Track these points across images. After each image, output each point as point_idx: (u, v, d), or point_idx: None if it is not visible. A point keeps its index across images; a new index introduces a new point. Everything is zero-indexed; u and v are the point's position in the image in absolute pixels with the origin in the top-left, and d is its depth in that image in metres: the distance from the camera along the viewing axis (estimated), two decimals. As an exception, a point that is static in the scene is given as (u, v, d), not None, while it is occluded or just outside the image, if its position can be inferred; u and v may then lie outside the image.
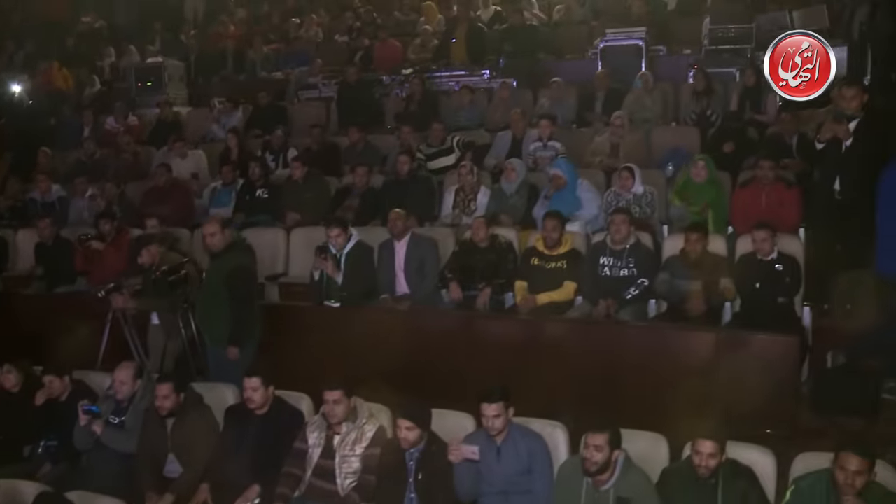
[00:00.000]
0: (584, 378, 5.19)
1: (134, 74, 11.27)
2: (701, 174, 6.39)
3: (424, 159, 7.97)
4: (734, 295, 5.50)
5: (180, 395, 4.96)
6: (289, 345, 6.08)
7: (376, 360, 5.72)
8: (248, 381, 4.78)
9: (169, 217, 8.07)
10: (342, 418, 4.50)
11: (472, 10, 11.49)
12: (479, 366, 5.36)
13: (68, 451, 5.24)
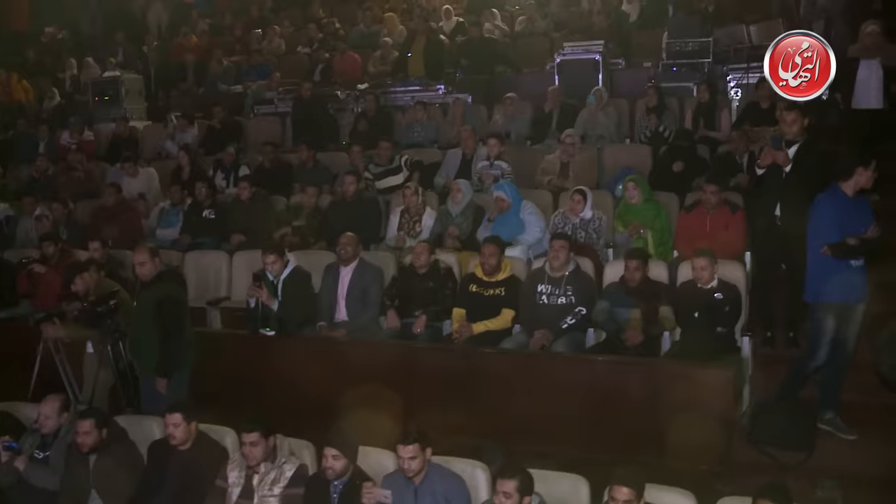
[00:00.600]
0: (515, 411, 5.07)
1: (91, 88, 11.09)
2: (633, 195, 6.29)
3: (372, 179, 7.84)
4: (673, 324, 5.38)
5: (102, 430, 4.81)
6: (223, 374, 5.95)
7: (309, 391, 5.68)
8: (168, 417, 4.66)
9: (117, 238, 7.98)
10: (260, 459, 4.38)
11: (434, 22, 11.39)
12: (410, 398, 5.23)
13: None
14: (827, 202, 4.88)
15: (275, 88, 10.46)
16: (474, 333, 5.67)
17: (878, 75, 7.03)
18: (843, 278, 4.82)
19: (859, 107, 7.20)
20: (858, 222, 4.77)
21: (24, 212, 8.54)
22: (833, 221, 4.82)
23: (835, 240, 4.80)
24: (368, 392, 5.45)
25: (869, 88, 7.11)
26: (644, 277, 5.52)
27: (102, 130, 10.51)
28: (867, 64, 7.10)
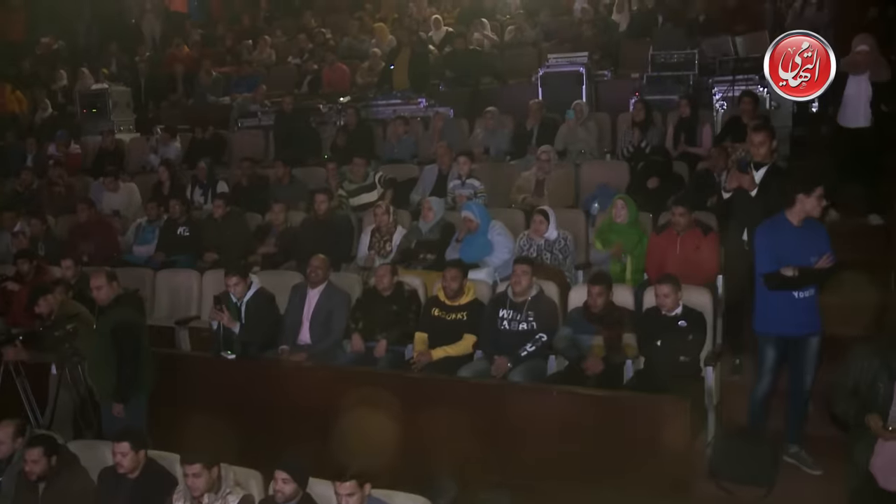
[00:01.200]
0: (469, 440, 4.95)
1: (79, 100, 11.09)
2: (621, 214, 6.13)
3: (346, 196, 7.75)
4: (636, 352, 5.23)
5: (51, 458, 4.74)
6: (184, 397, 5.90)
7: (266, 416, 5.63)
8: (116, 446, 4.60)
9: (93, 255, 7.97)
10: (203, 490, 4.31)
11: (423, 32, 11.29)
12: (364, 426, 5.15)
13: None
14: (764, 230, 4.72)
15: (260, 101, 10.38)
16: (433, 359, 5.56)
17: (867, 92, 6.68)
18: (785, 309, 4.66)
19: (847, 125, 6.84)
20: (805, 251, 4.58)
21: (3, 227, 8.53)
22: (768, 250, 4.66)
23: (768, 269, 4.64)
24: (323, 421, 5.44)
25: (858, 106, 6.75)
26: (607, 303, 5.37)
27: (90, 143, 10.52)
28: (856, 80, 6.74)
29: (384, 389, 5.37)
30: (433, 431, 5.09)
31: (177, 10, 13.84)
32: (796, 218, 4.64)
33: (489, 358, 5.46)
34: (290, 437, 5.47)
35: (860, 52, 6.59)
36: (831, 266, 4.55)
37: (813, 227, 4.65)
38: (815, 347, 4.71)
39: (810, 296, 4.64)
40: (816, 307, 4.70)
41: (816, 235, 4.64)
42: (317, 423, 5.42)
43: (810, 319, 4.68)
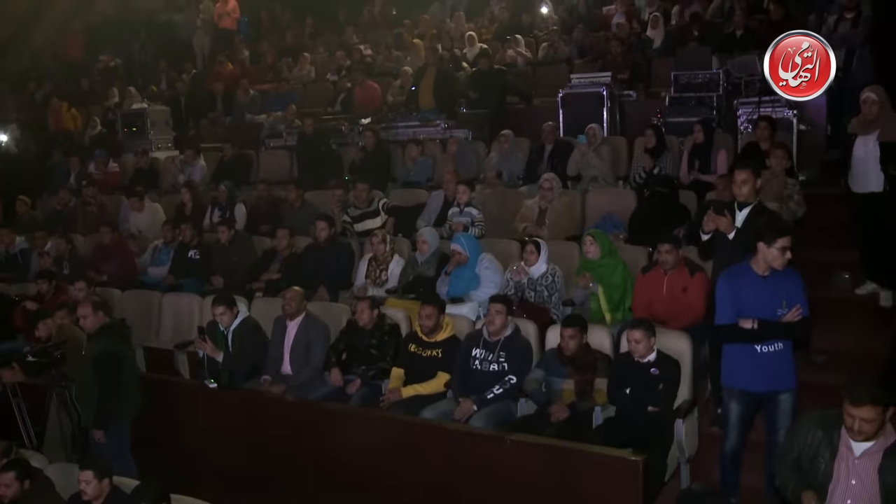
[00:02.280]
0: (423, 484, 4.90)
1: (120, 119, 11.54)
2: (591, 250, 5.95)
3: (351, 222, 7.79)
4: (605, 399, 5.05)
5: (24, 482, 4.93)
6: (168, 423, 6.06)
7: (238, 447, 5.71)
8: (81, 474, 4.75)
9: (113, 276, 8.29)
10: (91, 497, 4.57)
11: (458, 49, 11.26)
12: (325, 462, 5.25)
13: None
14: (725, 278, 4.46)
15: (289, 120, 10.55)
16: (403, 397, 5.52)
17: (875, 153, 6.01)
18: (747, 364, 4.39)
19: (858, 190, 6.23)
20: (769, 303, 4.30)
21: (35, 245, 8.97)
22: (726, 300, 4.40)
23: (724, 321, 4.39)
24: (289, 453, 5.50)
25: (867, 169, 6.08)
26: (580, 346, 5.21)
27: (129, 162, 10.92)
28: (864, 140, 6.10)
29: (349, 425, 5.40)
30: (391, 470, 5.09)
31: (226, 27, 14.23)
32: (760, 267, 4.38)
33: (456, 398, 5.39)
34: (259, 467, 5.58)
35: (865, 101, 5.99)
36: (800, 321, 4.26)
37: (783, 276, 4.35)
38: (788, 405, 4.42)
39: (778, 350, 4.35)
40: (788, 363, 4.41)
41: (786, 286, 4.33)
42: (284, 454, 5.52)
43: (778, 376, 4.39)
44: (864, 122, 6.03)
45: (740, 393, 4.50)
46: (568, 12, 11.65)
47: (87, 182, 9.98)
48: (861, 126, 6.04)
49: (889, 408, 3.36)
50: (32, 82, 14.32)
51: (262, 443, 5.64)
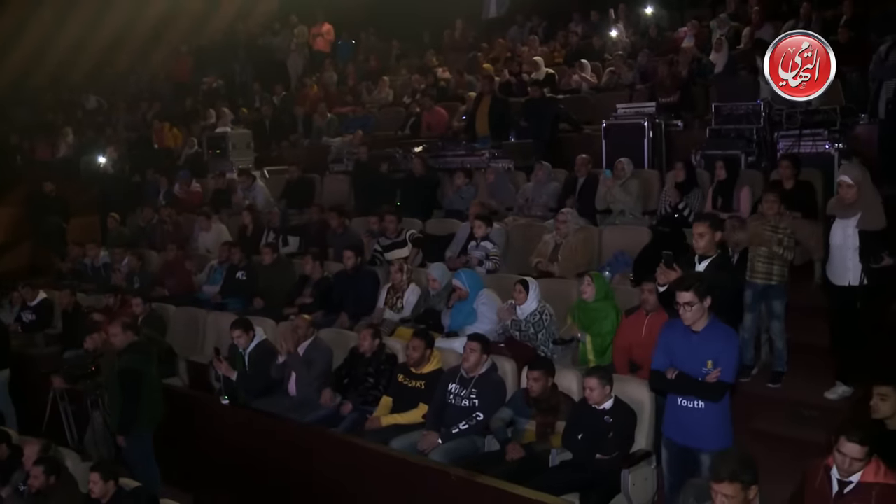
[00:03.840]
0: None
1: (206, 142, 12.63)
2: (587, 291, 6.11)
3: (381, 251, 8.29)
4: (560, 444, 5.28)
5: (51, 477, 5.81)
6: (188, 432, 6.80)
7: (237, 460, 6.40)
8: (90, 475, 5.58)
9: (173, 291, 9.22)
10: (98, 496, 5.27)
11: (527, 73, 11.56)
12: (304, 479, 5.85)
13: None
14: (665, 328, 4.61)
15: (357, 144, 11.21)
16: (381, 426, 5.96)
17: (855, 242, 5.52)
18: (670, 413, 4.52)
19: (834, 281, 5.74)
20: (695, 359, 4.39)
21: (113, 260, 10.08)
22: (661, 348, 4.56)
23: (655, 367, 4.54)
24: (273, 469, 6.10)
25: (844, 259, 5.62)
26: (545, 389, 5.44)
27: (210, 182, 11.94)
28: (842, 225, 5.58)
29: (324, 447, 5.92)
30: (354, 491, 5.60)
31: (319, 49, 15.17)
32: (693, 321, 4.49)
33: (429, 429, 5.77)
34: (258, 479, 6.21)
35: (842, 185, 5.50)
36: (717, 384, 4.34)
37: (716, 334, 4.44)
38: (707, 467, 4.49)
39: (698, 408, 4.44)
40: (711, 423, 4.46)
41: (716, 346, 4.40)
42: (276, 468, 6.13)
43: (697, 434, 4.47)
44: (842, 205, 5.59)
45: (666, 440, 4.65)
46: (639, 35, 11.68)
47: (167, 201, 11.03)
48: (839, 207, 5.60)
49: (751, 487, 3.49)
50: (144, 102, 15.84)
51: (261, 456, 6.23)
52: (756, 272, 6.01)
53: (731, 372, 4.37)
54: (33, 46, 17.90)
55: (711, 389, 4.36)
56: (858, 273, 5.53)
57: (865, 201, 5.46)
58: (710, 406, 4.44)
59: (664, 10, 11.78)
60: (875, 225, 5.44)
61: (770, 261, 5.95)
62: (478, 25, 14.29)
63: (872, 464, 3.66)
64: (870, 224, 5.44)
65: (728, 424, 4.54)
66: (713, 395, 4.37)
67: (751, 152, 7.89)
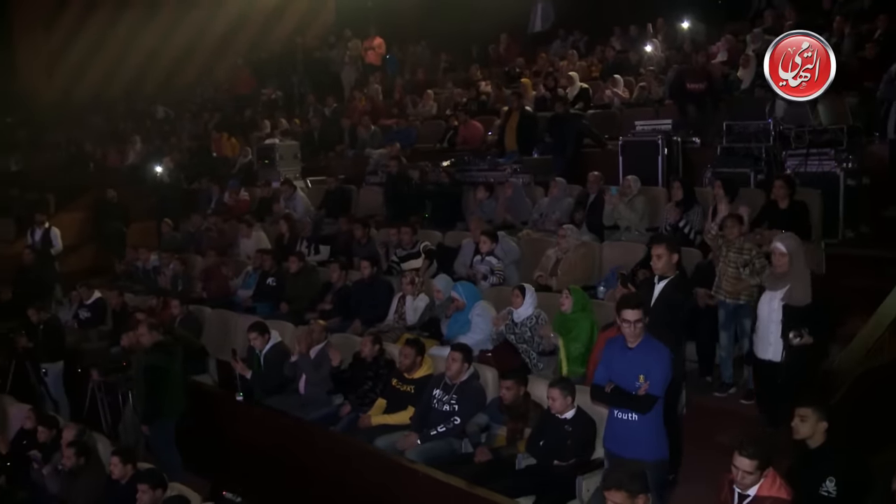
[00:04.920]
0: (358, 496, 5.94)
1: (256, 152, 13.47)
2: (565, 304, 6.51)
3: (398, 261, 8.85)
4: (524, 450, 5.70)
5: (81, 457, 6.63)
6: (209, 425, 7.52)
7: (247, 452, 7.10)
8: (111, 458, 6.40)
9: (211, 295, 10.00)
10: None
11: (562, 88, 11.95)
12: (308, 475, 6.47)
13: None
14: (607, 343, 4.97)
15: (395, 156, 11.80)
16: (372, 425, 6.51)
17: (779, 316, 5.50)
18: (609, 425, 4.89)
19: (758, 354, 5.76)
20: (630, 374, 4.74)
21: (162, 264, 10.96)
22: (603, 362, 4.94)
23: (596, 381, 4.91)
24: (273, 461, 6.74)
25: (767, 332, 5.61)
26: (517, 397, 5.87)
27: (256, 192, 12.76)
28: (769, 297, 5.58)
29: (320, 442, 6.54)
30: (344, 481, 6.19)
31: (371, 62, 15.89)
32: (633, 339, 4.87)
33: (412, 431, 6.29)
34: (266, 467, 6.87)
35: (775, 253, 5.52)
36: (645, 397, 4.70)
37: (649, 350, 4.80)
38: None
39: (632, 420, 4.79)
40: (645, 435, 4.80)
41: (648, 361, 4.76)
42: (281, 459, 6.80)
43: (631, 444, 4.82)
44: (774, 275, 5.61)
45: (605, 451, 5.03)
46: (674, 50, 11.89)
47: (216, 208, 11.89)
48: (770, 279, 5.63)
49: (639, 496, 3.88)
50: (207, 113, 16.90)
51: (271, 448, 6.89)
52: (723, 292, 6.30)
53: (659, 386, 4.73)
54: (111, 60, 19.29)
55: (641, 402, 4.73)
56: (780, 349, 5.55)
57: (795, 274, 5.48)
58: (642, 418, 4.79)
59: (701, 24, 11.95)
60: (800, 300, 5.44)
61: (736, 281, 6.23)
62: (524, 40, 14.71)
63: (769, 478, 3.99)
64: (795, 298, 5.45)
65: (662, 436, 4.90)
66: (642, 408, 4.73)
67: (760, 170, 8.10)
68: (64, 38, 19.39)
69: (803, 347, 5.35)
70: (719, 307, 6.35)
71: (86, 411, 8.45)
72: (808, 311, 5.40)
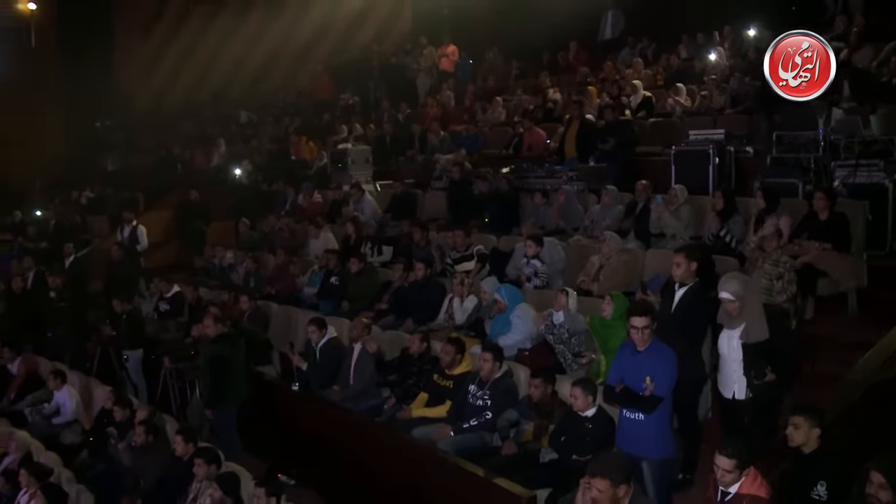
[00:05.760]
0: (394, 478, 6.49)
1: (330, 156, 14.19)
2: (606, 310, 6.81)
3: (452, 263, 9.33)
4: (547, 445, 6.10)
5: (149, 435, 7.40)
6: (269, 412, 8.21)
7: (299, 436, 7.76)
8: (175, 437, 7.12)
9: (279, 291, 10.72)
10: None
11: (625, 96, 12.21)
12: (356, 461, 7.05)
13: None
14: (620, 348, 5.30)
15: (453, 163, 12.26)
16: (412, 416, 7.02)
17: (739, 354, 5.42)
18: (620, 425, 5.24)
19: (723, 394, 5.68)
20: (639, 376, 5.10)
21: (237, 262, 11.75)
22: (615, 365, 5.32)
23: (608, 382, 5.26)
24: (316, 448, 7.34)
25: (730, 371, 5.52)
26: (545, 395, 6.28)
27: (328, 194, 13.46)
28: (728, 336, 5.47)
29: (363, 431, 7.12)
30: (380, 468, 6.77)
31: (444, 69, 16.44)
32: (642, 343, 5.22)
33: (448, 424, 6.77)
34: (317, 453, 7.50)
35: (724, 301, 5.40)
36: (649, 398, 5.04)
37: (656, 354, 5.17)
38: (648, 473, 5.19)
39: (639, 419, 5.17)
40: (652, 435, 5.18)
41: (654, 363, 5.14)
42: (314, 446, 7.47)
43: (637, 442, 5.20)
44: (728, 316, 5.49)
45: (616, 448, 5.39)
46: (739, 58, 11.96)
47: (290, 210, 12.63)
48: (725, 318, 5.50)
49: (621, 485, 4.24)
50: (288, 117, 17.79)
51: (322, 435, 7.53)
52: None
53: (664, 388, 5.09)
54: (201, 66, 20.48)
55: (646, 402, 5.11)
56: (744, 386, 5.48)
57: (749, 314, 5.38)
58: (648, 418, 5.17)
59: (768, 31, 11.97)
60: (757, 337, 5.38)
61: (769, 292, 6.44)
62: (593, 47, 14.98)
63: (750, 476, 4.29)
64: (752, 336, 5.37)
65: (668, 435, 5.24)
66: (646, 408, 5.12)
67: (808, 181, 8.22)
68: (159, 46, 20.71)
69: (767, 386, 5.36)
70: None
71: (158, 395, 9.28)
72: (766, 347, 5.35)
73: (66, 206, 16.47)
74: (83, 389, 9.30)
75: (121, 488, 7.37)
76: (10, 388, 9.73)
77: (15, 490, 7.28)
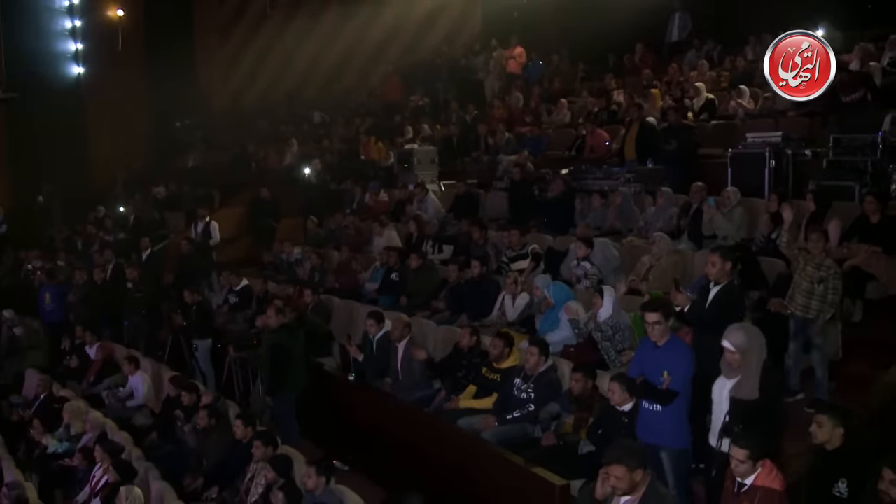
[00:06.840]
0: (441, 462, 6.90)
1: (397, 157, 14.69)
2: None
3: (507, 262, 9.67)
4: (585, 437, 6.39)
5: (212, 419, 8.00)
6: (327, 401, 8.73)
7: (356, 424, 8.25)
8: (235, 421, 7.72)
9: (342, 286, 11.25)
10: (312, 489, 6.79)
11: (688, 98, 12.32)
12: (408, 447, 7.46)
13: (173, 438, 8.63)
14: (641, 343, 5.56)
15: (522, 164, 12.57)
16: (459, 407, 7.40)
17: (726, 406, 5.15)
18: (640, 416, 5.49)
19: (711, 443, 5.29)
20: (656, 369, 5.37)
21: (303, 257, 12.34)
22: (636, 360, 5.62)
23: (629, 374, 5.54)
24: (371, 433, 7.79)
25: (718, 421, 5.23)
26: (585, 389, 6.58)
27: (394, 193, 13.95)
28: (721, 385, 5.24)
29: (412, 419, 7.57)
30: (429, 453, 7.16)
31: (512, 71, 16.77)
32: (658, 338, 5.49)
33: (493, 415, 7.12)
34: (371, 440, 7.97)
35: (726, 350, 5.13)
36: (666, 391, 5.31)
37: (673, 349, 5.46)
38: (667, 462, 5.48)
39: (657, 410, 5.48)
40: (669, 425, 5.47)
41: (671, 358, 5.44)
42: (368, 434, 7.92)
43: (655, 432, 5.50)
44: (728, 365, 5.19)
45: (637, 439, 5.65)
46: (807, 60, 11.91)
47: (352, 209, 13.16)
48: (724, 366, 5.22)
49: (637, 470, 4.51)
50: (359, 118, 18.39)
51: (376, 423, 8.00)
52: (795, 304, 6.67)
53: (679, 381, 5.39)
54: (277, 66, 21.32)
55: (663, 395, 5.41)
56: (728, 441, 5.02)
57: (746, 369, 5.12)
58: (665, 409, 5.49)
59: (838, 32, 11.90)
60: (746, 394, 5.11)
61: (809, 295, 6.58)
62: (660, 49, 15.06)
63: (766, 468, 4.52)
64: (742, 392, 5.12)
65: (685, 427, 5.52)
66: (663, 400, 5.42)
67: (865, 184, 8.27)
68: (237, 47, 21.64)
69: None
70: (790, 318, 6.73)
71: (223, 382, 9.89)
72: (752, 407, 5.08)
73: (145, 203, 17.45)
74: (154, 376, 10.00)
75: (185, 467, 7.97)
76: (88, 372, 10.54)
77: (90, 466, 7.97)
